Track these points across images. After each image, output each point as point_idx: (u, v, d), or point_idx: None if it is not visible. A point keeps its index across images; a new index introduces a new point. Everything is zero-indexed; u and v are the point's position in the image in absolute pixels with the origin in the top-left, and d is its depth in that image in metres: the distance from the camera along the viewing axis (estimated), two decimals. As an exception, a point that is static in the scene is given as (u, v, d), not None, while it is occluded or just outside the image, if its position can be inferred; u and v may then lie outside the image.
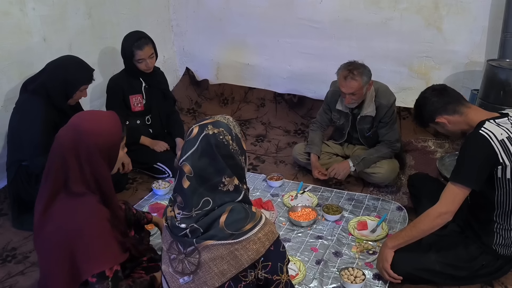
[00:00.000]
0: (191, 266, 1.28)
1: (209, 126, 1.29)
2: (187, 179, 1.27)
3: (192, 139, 1.29)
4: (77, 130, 1.47)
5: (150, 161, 2.90)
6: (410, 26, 3.32)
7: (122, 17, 3.45)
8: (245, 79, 4.09)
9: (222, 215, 1.25)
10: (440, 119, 1.91)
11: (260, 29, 3.82)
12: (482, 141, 1.76)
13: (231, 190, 1.30)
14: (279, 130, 3.77)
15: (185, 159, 1.28)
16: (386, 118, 2.70)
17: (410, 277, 1.93)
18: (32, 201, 2.35)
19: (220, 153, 1.28)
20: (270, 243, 1.26)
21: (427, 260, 1.91)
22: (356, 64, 2.57)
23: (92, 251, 1.40)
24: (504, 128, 1.79)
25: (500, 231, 1.88)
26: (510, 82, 2.66)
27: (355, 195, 2.73)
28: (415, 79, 3.47)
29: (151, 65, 2.88)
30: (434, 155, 3.22)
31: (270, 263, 1.27)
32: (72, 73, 2.35)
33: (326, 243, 2.26)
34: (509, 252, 1.91)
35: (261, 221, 1.27)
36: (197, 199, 1.27)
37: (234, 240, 1.23)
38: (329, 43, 3.60)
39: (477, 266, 1.91)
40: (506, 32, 2.91)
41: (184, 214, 1.29)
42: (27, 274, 2.09)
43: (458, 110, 1.89)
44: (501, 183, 1.80)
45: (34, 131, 2.28)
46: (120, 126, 1.56)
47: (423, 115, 1.98)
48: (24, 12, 2.69)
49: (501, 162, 1.75)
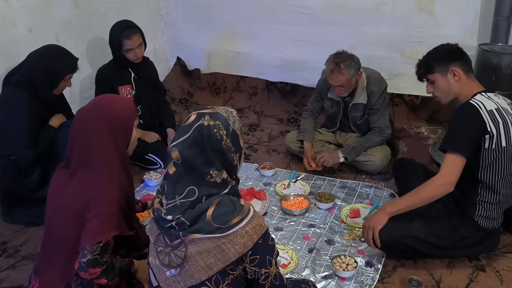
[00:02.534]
0: (177, 259, 1.26)
1: (206, 117, 1.26)
2: (173, 165, 1.26)
3: (186, 126, 1.27)
4: (102, 107, 1.61)
5: (141, 152, 2.87)
6: (402, 11, 3.28)
7: (110, 6, 3.39)
8: (237, 67, 4.05)
9: (209, 208, 1.23)
10: (455, 68, 1.92)
11: (250, 16, 3.77)
12: (472, 109, 1.85)
13: (218, 182, 1.27)
14: (271, 119, 3.74)
15: (175, 145, 1.26)
16: (377, 105, 2.68)
17: (396, 245, 1.94)
18: (22, 195, 2.38)
19: (211, 146, 1.25)
20: (258, 236, 1.24)
21: (411, 227, 1.95)
22: (343, 56, 2.52)
23: (101, 218, 1.48)
24: (494, 101, 1.88)
25: (483, 203, 1.93)
26: (502, 67, 2.64)
27: (347, 182, 2.72)
28: (407, 65, 3.43)
29: (139, 55, 2.84)
30: (427, 141, 3.21)
31: (258, 257, 1.26)
32: (55, 63, 2.31)
33: (319, 231, 2.26)
34: (490, 225, 1.95)
35: (249, 214, 1.24)
36: (181, 187, 1.25)
37: (221, 234, 1.21)
38: (321, 29, 3.55)
39: (458, 237, 1.95)
40: (498, 15, 2.88)
41: (170, 202, 1.27)
42: (18, 267, 2.08)
43: (469, 73, 1.95)
44: (487, 154, 1.85)
45: (21, 124, 2.25)
46: (133, 105, 1.72)
47: (438, 59, 1.96)
48: (8, 2, 2.64)
49: (488, 131, 1.82)
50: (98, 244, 1.46)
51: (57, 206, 1.55)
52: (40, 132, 2.34)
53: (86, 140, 1.54)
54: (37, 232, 2.30)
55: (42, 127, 2.35)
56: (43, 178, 2.36)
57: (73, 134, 1.57)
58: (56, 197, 1.56)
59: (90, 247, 1.45)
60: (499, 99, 1.91)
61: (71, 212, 1.50)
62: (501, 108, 1.87)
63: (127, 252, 1.76)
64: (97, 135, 1.55)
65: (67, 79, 2.38)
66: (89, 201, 1.49)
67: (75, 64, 2.39)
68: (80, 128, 1.56)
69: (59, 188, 1.56)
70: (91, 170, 1.53)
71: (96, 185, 1.52)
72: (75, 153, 1.55)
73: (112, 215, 1.51)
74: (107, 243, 1.49)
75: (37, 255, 2.13)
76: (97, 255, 1.46)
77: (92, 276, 1.46)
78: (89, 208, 1.48)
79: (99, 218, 1.47)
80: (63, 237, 1.54)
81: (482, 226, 1.95)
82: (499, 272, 1.98)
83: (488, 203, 1.93)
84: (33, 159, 2.28)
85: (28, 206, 2.39)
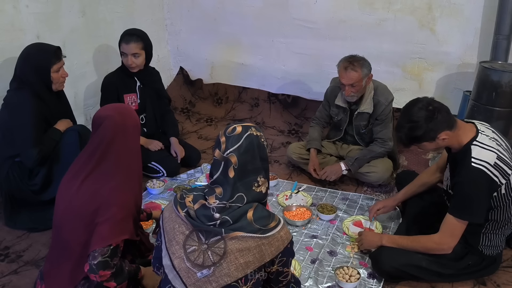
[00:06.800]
0: (214, 257, 1.30)
1: (252, 128, 1.38)
2: (233, 169, 1.33)
3: (236, 136, 1.35)
4: (124, 115, 1.63)
5: (145, 160, 2.84)
6: (404, 27, 3.34)
7: (116, 15, 3.43)
8: (239, 78, 4.09)
9: (249, 210, 1.33)
10: (443, 136, 1.81)
11: (254, 29, 3.83)
12: (480, 176, 1.77)
13: (263, 191, 1.39)
14: (273, 130, 3.77)
15: (232, 151, 1.33)
16: (382, 116, 2.73)
17: (398, 273, 1.96)
18: (25, 199, 2.38)
19: (260, 154, 1.37)
20: (288, 241, 1.36)
21: (414, 256, 1.95)
22: (357, 57, 2.64)
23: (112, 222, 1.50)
24: (492, 150, 1.81)
25: (487, 234, 1.93)
26: (502, 84, 2.69)
27: (349, 194, 2.75)
28: (408, 80, 3.50)
29: (131, 64, 2.82)
30: (427, 155, 3.25)
31: (285, 258, 1.37)
32: (37, 59, 2.30)
33: (321, 242, 2.27)
34: (494, 252, 1.96)
35: (281, 222, 1.37)
36: (233, 192, 1.34)
37: (262, 235, 1.30)
38: (323, 43, 3.61)
39: (463, 265, 1.95)
40: (498, 34, 2.95)
41: (220, 204, 1.33)
42: (20, 273, 2.07)
43: (455, 125, 1.83)
44: (498, 200, 1.84)
45: (25, 123, 2.25)
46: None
47: (424, 134, 1.81)
48: (17, 9, 2.67)
49: (499, 185, 1.80)
50: (109, 246, 1.48)
51: (68, 210, 1.56)
52: (45, 133, 2.35)
53: (109, 146, 1.56)
54: (40, 238, 2.31)
55: (45, 129, 2.36)
56: (46, 181, 2.36)
57: (98, 138, 1.58)
58: (66, 201, 1.57)
59: (100, 249, 1.46)
60: (490, 140, 1.84)
61: (82, 217, 1.52)
62: (499, 152, 1.81)
63: (132, 259, 1.77)
64: (120, 142, 1.58)
65: (56, 70, 2.34)
66: (101, 206, 1.51)
67: (54, 53, 2.34)
68: (103, 135, 1.58)
69: (70, 193, 1.57)
70: (107, 175, 1.55)
71: (109, 190, 1.53)
72: (93, 156, 1.57)
73: (122, 219, 1.53)
74: (117, 246, 1.51)
75: (40, 260, 2.14)
76: (107, 257, 1.47)
77: (102, 278, 1.47)
78: (100, 213, 1.50)
79: (110, 222, 1.49)
80: (72, 241, 1.55)
81: (486, 254, 1.95)
82: (499, 286, 2.00)
83: (492, 233, 1.93)
84: (37, 159, 2.27)
85: (31, 210, 2.39)
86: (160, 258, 1.42)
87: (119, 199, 1.54)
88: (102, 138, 1.57)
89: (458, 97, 3.28)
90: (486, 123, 1.96)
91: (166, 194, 2.74)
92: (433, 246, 1.91)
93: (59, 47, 2.38)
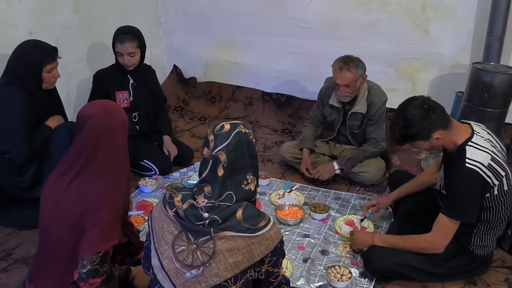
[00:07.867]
0: (203, 257, 1.29)
1: (241, 126, 1.37)
2: (222, 168, 1.32)
3: (224, 134, 1.34)
4: (110, 113, 1.57)
5: (137, 158, 2.87)
6: (398, 28, 3.35)
7: (110, 12, 3.41)
8: (234, 77, 4.09)
9: (238, 209, 1.32)
10: (437, 135, 1.81)
11: (249, 27, 3.82)
12: (473, 176, 1.77)
13: (252, 189, 1.38)
14: (266, 129, 3.77)
15: (221, 149, 1.32)
16: (376, 116, 2.74)
17: (389, 273, 1.97)
18: (15, 196, 2.35)
19: (249, 151, 1.36)
20: (278, 241, 1.36)
21: (405, 256, 1.95)
22: (352, 57, 2.64)
23: (101, 227, 1.46)
24: (486, 151, 1.81)
25: (479, 235, 1.94)
26: (495, 85, 2.71)
27: (341, 194, 2.75)
28: (402, 81, 3.51)
29: (128, 63, 2.82)
30: (419, 155, 3.26)
31: (275, 258, 1.36)
32: (31, 57, 2.27)
33: (313, 241, 2.27)
34: (485, 252, 1.97)
35: (271, 221, 1.36)
36: (221, 190, 1.33)
37: (252, 234, 1.30)
38: (318, 43, 3.61)
39: (454, 265, 1.97)
40: (491, 35, 2.97)
41: (209, 203, 1.32)
42: (10, 271, 2.05)
43: (449, 124, 1.83)
44: (491, 200, 1.84)
45: (15, 118, 2.23)
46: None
47: (418, 133, 1.81)
48: (10, 5, 2.64)
49: (492, 186, 1.80)
50: (98, 254, 1.45)
51: (54, 213, 1.51)
52: (35, 129, 2.32)
53: (94, 148, 1.51)
54: (30, 236, 2.28)
55: (36, 125, 2.34)
56: (36, 178, 2.34)
57: (82, 139, 1.53)
58: (52, 204, 1.52)
59: (89, 257, 1.43)
60: (484, 141, 1.84)
61: (68, 220, 1.48)
62: (493, 153, 1.82)
63: (122, 259, 1.75)
64: (106, 143, 1.52)
65: (49, 70, 2.31)
66: (88, 209, 1.46)
67: (52, 53, 2.32)
68: (88, 136, 1.52)
69: (55, 195, 1.52)
70: (93, 177, 1.51)
71: (96, 193, 1.49)
72: (79, 159, 1.51)
73: (111, 224, 1.49)
74: (106, 252, 1.48)
75: (30, 258, 2.12)
76: (96, 265, 1.44)
77: (92, 286, 1.45)
78: (87, 217, 1.46)
79: (98, 227, 1.45)
80: (60, 245, 1.51)
81: (477, 254, 1.97)
82: (490, 286, 2.01)
83: (483, 234, 1.94)
84: (27, 155, 2.25)
85: (21, 207, 2.37)
86: (149, 258, 1.41)
87: (107, 202, 1.50)
88: (87, 140, 1.51)
89: (451, 98, 3.30)
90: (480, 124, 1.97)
91: (159, 192, 2.73)
92: (425, 246, 1.92)
93: (55, 48, 2.36)
